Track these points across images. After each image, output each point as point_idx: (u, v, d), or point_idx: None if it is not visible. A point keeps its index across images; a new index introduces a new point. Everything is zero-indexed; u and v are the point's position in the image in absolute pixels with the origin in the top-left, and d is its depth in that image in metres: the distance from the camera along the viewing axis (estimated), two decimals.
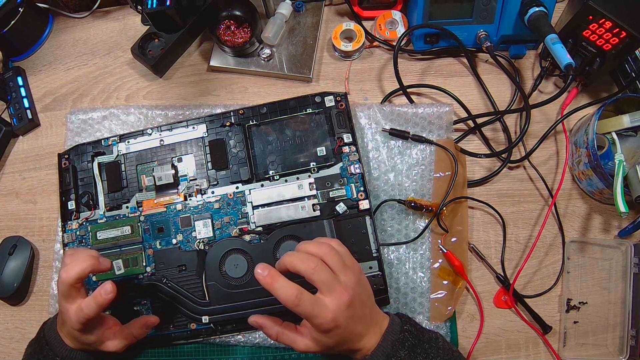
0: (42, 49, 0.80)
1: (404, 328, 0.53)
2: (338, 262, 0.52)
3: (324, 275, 0.50)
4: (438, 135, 0.69)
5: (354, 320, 0.51)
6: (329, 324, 0.49)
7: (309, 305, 0.49)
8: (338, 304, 0.49)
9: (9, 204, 0.73)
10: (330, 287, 0.50)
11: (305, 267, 0.50)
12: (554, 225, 0.69)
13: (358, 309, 0.51)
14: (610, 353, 0.66)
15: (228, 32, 0.75)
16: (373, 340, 0.52)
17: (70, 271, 0.53)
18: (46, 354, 0.55)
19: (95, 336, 0.55)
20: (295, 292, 0.49)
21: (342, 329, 0.50)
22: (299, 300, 0.48)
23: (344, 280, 0.51)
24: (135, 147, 0.69)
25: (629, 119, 0.66)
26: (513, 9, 0.69)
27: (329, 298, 0.49)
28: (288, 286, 0.49)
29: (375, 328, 0.53)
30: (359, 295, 0.52)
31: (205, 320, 0.63)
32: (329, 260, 0.52)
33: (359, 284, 0.52)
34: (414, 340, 0.52)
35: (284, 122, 0.68)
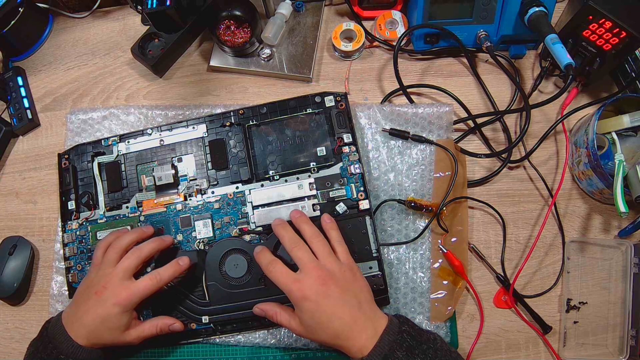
0: (42, 49, 0.80)
1: (402, 329, 0.53)
2: (323, 249, 0.56)
3: (302, 253, 0.55)
4: (438, 135, 0.69)
5: (329, 301, 0.52)
6: (296, 293, 0.53)
7: (279, 272, 0.55)
8: (308, 278, 0.53)
9: (9, 204, 0.73)
10: (305, 264, 0.54)
11: (288, 243, 0.57)
12: (554, 225, 0.69)
13: (334, 291, 0.53)
14: (610, 353, 0.66)
15: (228, 32, 0.75)
16: (366, 337, 0.52)
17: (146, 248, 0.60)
18: (50, 351, 0.55)
19: (129, 318, 0.57)
20: (270, 260, 0.56)
21: (313, 303, 0.52)
22: (272, 266, 0.55)
23: (322, 264, 0.55)
24: (135, 147, 0.69)
25: (629, 119, 0.66)
26: (513, 9, 0.69)
27: (302, 273, 0.54)
28: (268, 256, 0.57)
29: (367, 323, 0.53)
30: (340, 280, 0.54)
31: (205, 320, 0.63)
32: (314, 245, 0.57)
33: (343, 273, 0.55)
34: (411, 342, 0.52)
35: (284, 122, 0.68)
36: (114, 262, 0.58)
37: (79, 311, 0.57)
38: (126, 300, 0.56)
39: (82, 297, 0.58)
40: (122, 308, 0.56)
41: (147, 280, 0.57)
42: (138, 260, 0.58)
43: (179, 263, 0.60)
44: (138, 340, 0.59)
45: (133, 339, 0.58)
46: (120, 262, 0.58)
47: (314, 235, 0.58)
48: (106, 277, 0.57)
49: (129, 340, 0.58)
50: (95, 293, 0.56)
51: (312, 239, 0.57)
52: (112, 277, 0.57)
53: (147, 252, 0.59)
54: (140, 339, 0.59)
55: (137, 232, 0.62)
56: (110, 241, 0.60)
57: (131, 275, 0.58)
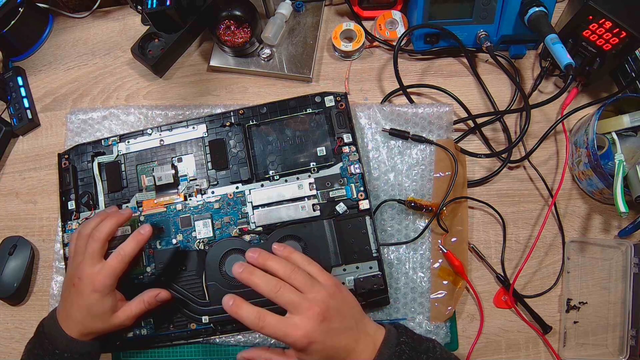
0: (42, 49, 0.80)
1: (401, 340, 0.52)
2: (303, 280, 0.52)
3: (288, 296, 0.50)
4: (438, 135, 0.69)
5: (334, 334, 0.50)
6: (302, 340, 0.49)
7: (274, 325, 0.50)
8: (308, 320, 0.49)
9: (9, 204, 0.73)
10: (296, 306, 0.50)
11: (268, 290, 0.51)
12: (554, 225, 0.69)
13: (335, 322, 0.51)
14: (610, 353, 0.66)
15: (228, 32, 0.75)
16: (366, 353, 0.51)
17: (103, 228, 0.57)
18: (45, 347, 0.56)
19: (112, 300, 0.56)
20: (257, 314, 0.50)
21: (320, 344, 0.49)
22: (262, 321, 0.50)
23: (312, 297, 0.51)
24: (135, 147, 0.69)
25: (629, 119, 0.66)
26: (513, 9, 0.69)
27: (298, 316, 0.50)
28: (251, 310, 0.51)
29: (367, 339, 0.52)
30: (335, 308, 0.51)
31: (205, 320, 0.63)
32: (293, 280, 0.52)
33: (334, 297, 0.52)
34: (411, 353, 0.51)
35: (284, 122, 0.68)
36: (84, 250, 0.57)
37: (66, 305, 0.57)
38: (101, 284, 0.55)
39: (65, 291, 0.58)
40: (101, 293, 0.55)
41: (113, 259, 0.57)
42: (99, 242, 0.57)
43: (140, 232, 0.59)
44: (129, 320, 0.58)
45: (123, 320, 0.58)
46: (85, 249, 0.57)
47: (288, 269, 0.53)
48: (79, 266, 0.56)
49: (119, 322, 0.57)
50: (73, 285, 0.56)
51: (289, 275, 0.52)
52: (83, 266, 0.56)
53: (107, 231, 0.58)
54: (130, 319, 0.58)
55: (99, 216, 0.60)
56: (79, 230, 0.60)
57: (100, 258, 0.57)
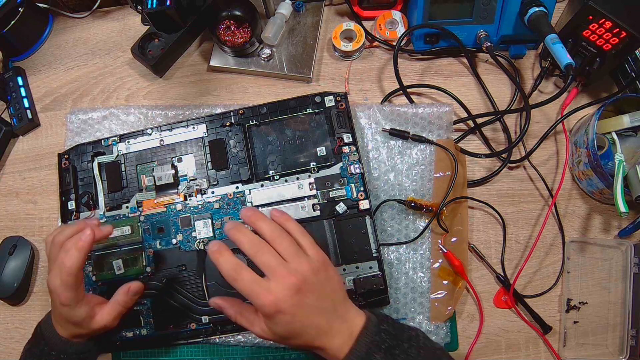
0: (42, 49, 0.80)
1: (381, 328, 0.50)
2: (287, 247, 0.50)
3: (267, 258, 0.48)
4: (438, 135, 0.69)
5: (306, 310, 0.48)
6: (270, 307, 0.47)
7: (248, 282, 0.47)
8: (281, 288, 0.47)
9: (9, 204, 0.73)
10: (274, 271, 0.48)
11: (249, 248, 0.49)
12: (554, 225, 0.69)
13: (310, 299, 0.48)
14: (610, 353, 0.66)
15: (228, 32, 0.75)
16: (341, 340, 0.49)
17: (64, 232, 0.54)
18: (42, 348, 0.56)
19: (85, 310, 0.54)
20: (234, 265, 0.48)
21: (288, 315, 0.47)
22: (237, 274, 0.48)
23: (293, 267, 0.48)
24: (135, 147, 0.69)
25: (629, 119, 0.66)
26: (513, 9, 0.69)
27: (273, 282, 0.47)
28: (231, 260, 0.49)
29: (342, 326, 0.49)
30: (314, 285, 0.49)
31: (205, 320, 0.63)
32: (278, 245, 0.50)
33: (316, 273, 0.49)
34: (391, 342, 0.49)
35: (284, 122, 0.68)
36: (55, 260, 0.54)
37: (52, 310, 0.57)
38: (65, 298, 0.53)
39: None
40: (69, 307, 0.54)
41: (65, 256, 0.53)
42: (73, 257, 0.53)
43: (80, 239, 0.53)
44: (109, 322, 0.56)
45: (103, 323, 0.56)
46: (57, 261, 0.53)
47: (276, 232, 0.50)
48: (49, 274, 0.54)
49: (99, 327, 0.56)
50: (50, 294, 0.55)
51: (275, 238, 0.50)
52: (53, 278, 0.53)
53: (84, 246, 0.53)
54: (111, 322, 0.56)
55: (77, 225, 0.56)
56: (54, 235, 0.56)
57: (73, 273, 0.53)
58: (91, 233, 0.53)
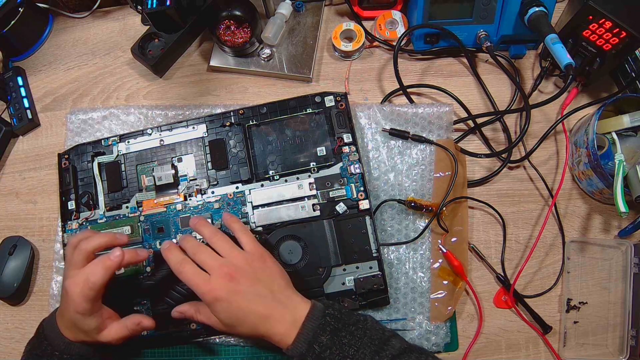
0: (42, 49, 0.80)
1: (326, 312, 0.53)
2: (222, 244, 0.55)
3: (204, 256, 0.54)
4: (438, 135, 0.69)
5: (241, 297, 0.52)
6: (208, 294, 0.52)
7: (190, 273, 0.53)
8: (216, 277, 0.52)
9: (9, 204, 0.73)
10: (210, 266, 0.53)
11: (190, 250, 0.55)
12: (554, 225, 0.69)
13: (244, 285, 0.52)
14: (610, 353, 0.66)
15: (228, 32, 0.75)
16: (286, 326, 0.52)
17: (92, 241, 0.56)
18: (44, 349, 0.55)
19: (96, 321, 0.55)
20: (180, 260, 0.55)
21: (224, 302, 0.52)
22: (181, 267, 0.54)
23: (227, 260, 0.54)
24: (135, 147, 0.69)
25: (629, 119, 0.66)
26: (513, 9, 0.69)
27: (212, 274, 0.53)
28: (177, 255, 0.55)
29: (284, 311, 0.53)
30: (248, 273, 0.53)
31: None
32: (215, 243, 0.56)
33: (251, 264, 0.54)
34: (337, 324, 0.52)
35: (284, 122, 0.68)
36: (79, 265, 0.55)
37: (61, 311, 0.57)
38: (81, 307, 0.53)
39: (62, 297, 0.57)
40: (82, 315, 0.54)
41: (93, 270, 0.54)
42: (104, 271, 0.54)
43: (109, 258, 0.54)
44: (114, 341, 0.56)
45: (108, 340, 0.56)
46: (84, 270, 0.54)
47: (212, 234, 0.57)
48: (68, 280, 0.54)
49: (105, 341, 0.56)
50: (63, 297, 0.55)
51: (211, 238, 0.56)
52: (71, 283, 0.54)
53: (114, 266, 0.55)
54: (115, 340, 0.56)
55: (107, 237, 0.57)
56: (80, 239, 0.57)
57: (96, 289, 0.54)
58: (120, 254, 0.55)
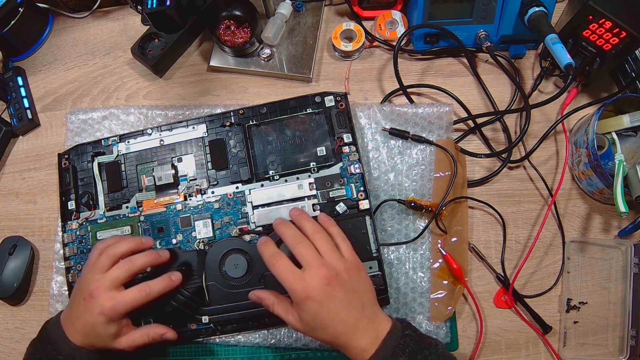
0: (42, 49, 0.80)
1: (406, 333, 0.52)
2: (324, 244, 0.54)
3: (305, 250, 0.53)
4: (438, 135, 0.69)
5: (334, 302, 0.51)
6: (300, 292, 0.51)
7: (283, 268, 0.52)
8: (313, 277, 0.51)
9: (9, 204, 0.73)
10: (309, 262, 0.52)
11: (290, 240, 0.54)
12: (554, 225, 0.69)
13: (339, 292, 0.51)
14: (610, 353, 0.66)
15: (228, 32, 0.75)
16: (367, 341, 0.51)
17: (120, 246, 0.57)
18: (49, 352, 0.55)
19: (116, 327, 0.55)
20: (274, 253, 0.54)
21: (316, 303, 0.50)
22: (275, 260, 0.53)
23: (327, 261, 0.53)
24: (135, 147, 0.69)
25: (629, 119, 0.66)
26: (513, 9, 0.69)
27: (307, 271, 0.52)
28: (272, 248, 0.54)
29: (369, 326, 0.52)
30: (345, 281, 0.52)
31: (205, 320, 0.63)
32: (317, 241, 0.55)
33: (348, 272, 0.53)
34: (415, 346, 0.51)
35: (284, 122, 0.68)
36: (105, 268, 0.56)
37: (72, 314, 0.56)
38: (111, 311, 0.54)
39: (74, 300, 0.57)
40: (107, 318, 0.54)
41: (135, 292, 0.56)
42: (128, 272, 0.56)
43: (171, 278, 0.58)
44: (130, 348, 0.57)
45: (124, 346, 0.56)
46: (110, 271, 0.56)
47: (316, 231, 0.56)
48: (95, 283, 0.55)
49: (119, 347, 0.56)
50: (84, 299, 0.55)
51: (315, 235, 0.55)
52: (100, 286, 0.55)
53: (139, 265, 0.57)
54: (132, 347, 0.57)
55: (135, 242, 0.59)
56: (108, 244, 0.58)
57: (119, 286, 0.56)
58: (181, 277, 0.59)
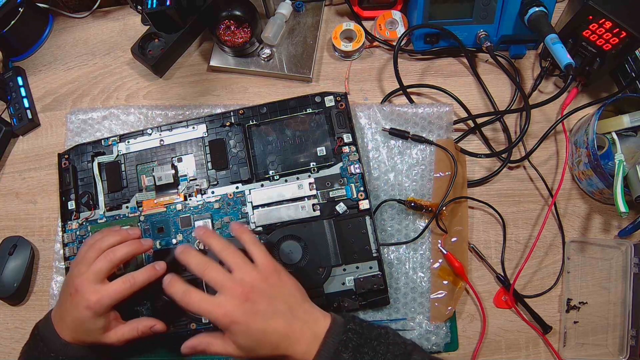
0: (42, 49, 0.80)
1: (347, 328, 0.50)
2: (234, 260, 0.52)
3: (214, 274, 0.51)
4: (438, 135, 0.69)
5: (260, 317, 0.49)
6: (223, 319, 0.49)
7: (197, 302, 0.50)
8: (230, 299, 0.49)
9: (9, 204, 0.73)
10: (222, 285, 0.51)
11: (196, 268, 0.52)
12: (554, 225, 0.69)
13: (261, 305, 0.50)
14: (610, 353, 0.66)
15: (228, 32, 0.75)
16: (306, 342, 0.49)
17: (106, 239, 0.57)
18: (40, 350, 0.55)
19: (104, 321, 0.55)
20: (184, 290, 0.51)
21: (242, 325, 0.49)
22: (187, 298, 0.50)
23: (239, 277, 0.51)
24: (135, 147, 0.69)
25: (629, 119, 0.66)
26: (513, 9, 0.69)
27: (222, 295, 0.50)
28: (180, 286, 0.51)
29: (304, 327, 0.50)
30: (263, 291, 0.51)
31: (205, 320, 0.62)
32: (225, 257, 0.53)
33: (266, 280, 0.51)
34: (359, 340, 0.50)
35: (284, 122, 0.68)
36: (91, 262, 0.55)
37: (60, 310, 0.56)
38: (96, 304, 0.53)
39: (62, 295, 0.57)
40: (94, 312, 0.53)
41: (119, 284, 0.55)
42: (110, 264, 0.55)
43: (155, 268, 0.57)
44: (119, 342, 0.56)
45: (113, 341, 0.56)
46: (93, 264, 0.55)
47: (222, 248, 0.53)
48: (80, 277, 0.55)
49: (109, 342, 0.56)
50: (70, 295, 0.55)
51: (221, 253, 0.53)
52: (84, 280, 0.54)
53: (120, 256, 0.56)
54: (121, 342, 0.56)
55: (121, 234, 0.58)
56: (96, 239, 0.58)
57: (103, 278, 0.55)
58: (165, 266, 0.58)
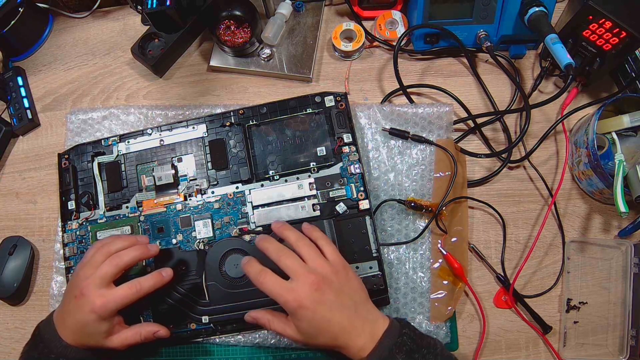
0: (42, 49, 0.80)
1: (403, 332, 0.53)
2: (308, 251, 0.55)
3: (289, 261, 0.54)
4: (438, 135, 0.69)
5: (326, 306, 0.52)
6: (292, 303, 0.51)
7: (271, 284, 0.53)
8: (302, 285, 0.52)
9: (9, 204, 0.73)
10: (295, 272, 0.53)
11: (274, 254, 0.55)
12: (554, 225, 0.69)
13: (330, 295, 0.52)
14: (610, 353, 0.66)
15: (228, 32, 0.75)
16: (364, 339, 0.52)
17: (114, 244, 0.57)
18: (40, 350, 0.55)
19: (108, 325, 0.55)
20: (260, 271, 0.54)
21: (309, 311, 0.51)
22: (262, 277, 0.53)
23: (313, 267, 0.54)
24: (135, 147, 0.69)
25: (629, 119, 0.66)
26: (513, 9, 0.69)
27: (295, 281, 0.53)
28: (256, 266, 0.55)
29: (365, 325, 0.53)
30: (333, 283, 0.53)
31: (205, 320, 0.63)
32: (299, 248, 0.55)
33: (336, 274, 0.54)
34: (412, 345, 0.52)
35: (284, 122, 0.68)
36: (97, 265, 0.56)
37: (64, 312, 0.56)
38: (101, 308, 0.53)
39: (66, 297, 0.57)
40: (98, 316, 0.54)
41: (125, 289, 0.55)
42: (116, 268, 0.55)
43: (161, 274, 0.58)
44: (122, 346, 0.56)
45: (116, 345, 0.56)
46: (100, 268, 0.55)
47: (298, 239, 0.56)
48: (85, 280, 0.55)
49: (111, 346, 0.56)
50: (75, 297, 0.55)
51: (297, 243, 0.56)
52: (90, 283, 0.54)
53: (127, 260, 0.56)
54: (124, 346, 0.57)
55: (130, 240, 0.59)
56: (104, 243, 0.58)
57: (109, 283, 0.55)
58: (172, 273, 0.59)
